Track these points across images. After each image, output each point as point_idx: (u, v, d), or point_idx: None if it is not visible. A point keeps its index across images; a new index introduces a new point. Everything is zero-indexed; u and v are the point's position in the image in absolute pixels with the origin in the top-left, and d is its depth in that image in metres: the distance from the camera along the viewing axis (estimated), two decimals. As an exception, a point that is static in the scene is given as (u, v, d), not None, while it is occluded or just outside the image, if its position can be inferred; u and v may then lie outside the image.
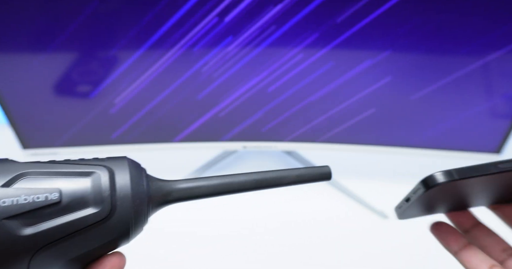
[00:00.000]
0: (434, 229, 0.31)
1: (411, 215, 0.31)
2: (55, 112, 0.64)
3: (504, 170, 0.24)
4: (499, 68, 0.58)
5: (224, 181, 0.26)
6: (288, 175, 0.27)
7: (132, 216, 0.24)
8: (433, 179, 0.24)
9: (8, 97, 0.62)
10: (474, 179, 0.24)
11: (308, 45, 0.57)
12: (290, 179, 0.27)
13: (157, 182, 0.26)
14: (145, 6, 0.53)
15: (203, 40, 0.57)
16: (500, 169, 0.24)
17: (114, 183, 0.24)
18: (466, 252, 0.29)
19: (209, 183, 0.26)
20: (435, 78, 0.60)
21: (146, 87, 0.62)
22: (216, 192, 0.26)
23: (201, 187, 0.26)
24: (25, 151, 0.69)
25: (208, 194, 0.26)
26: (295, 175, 0.27)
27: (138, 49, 0.58)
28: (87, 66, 0.60)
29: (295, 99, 0.64)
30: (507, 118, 0.63)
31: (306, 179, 0.27)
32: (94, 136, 0.68)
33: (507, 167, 0.24)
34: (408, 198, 0.27)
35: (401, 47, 0.57)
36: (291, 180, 0.27)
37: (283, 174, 0.27)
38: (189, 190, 0.26)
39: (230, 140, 0.70)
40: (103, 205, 0.23)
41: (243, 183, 0.26)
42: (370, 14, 0.54)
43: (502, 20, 0.53)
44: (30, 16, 0.54)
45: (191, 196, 0.26)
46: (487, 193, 0.28)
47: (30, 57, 0.58)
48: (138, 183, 0.24)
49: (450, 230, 0.30)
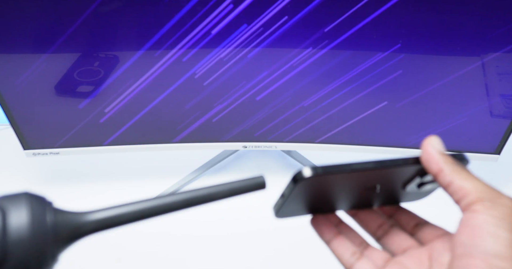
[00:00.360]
0: (312, 222, 0.35)
1: (287, 213, 0.33)
2: (56, 112, 0.65)
3: (355, 170, 0.27)
4: (499, 67, 0.58)
5: (148, 205, 0.25)
6: (220, 191, 0.27)
7: (32, 259, 0.22)
8: (300, 174, 0.27)
9: (9, 97, 0.62)
10: (337, 175, 0.27)
11: (307, 45, 0.58)
12: (222, 194, 0.27)
13: (66, 215, 0.24)
14: (141, 15, 0.54)
15: (203, 41, 0.57)
16: (352, 168, 0.27)
17: (5, 225, 0.22)
18: (336, 241, 0.33)
19: (129, 210, 0.25)
20: (434, 79, 0.60)
21: (146, 87, 0.62)
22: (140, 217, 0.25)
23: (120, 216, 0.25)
24: (26, 151, 0.69)
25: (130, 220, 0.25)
26: (227, 189, 0.27)
27: (138, 50, 0.58)
28: (88, 67, 0.60)
29: (296, 100, 0.64)
30: (507, 118, 0.63)
31: (240, 191, 0.27)
32: (95, 136, 0.68)
33: (358, 167, 0.27)
34: (283, 194, 0.29)
35: (400, 48, 0.57)
36: (224, 194, 0.27)
37: (215, 190, 0.26)
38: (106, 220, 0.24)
39: (230, 140, 0.70)
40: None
41: (171, 204, 0.25)
42: (367, 17, 0.54)
43: (501, 20, 0.53)
44: (31, 17, 0.54)
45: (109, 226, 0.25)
46: (347, 195, 0.31)
47: (31, 58, 0.58)
48: (40, 221, 0.22)
49: (324, 222, 0.34)
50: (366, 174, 0.28)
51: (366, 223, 0.35)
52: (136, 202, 0.25)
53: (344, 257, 0.33)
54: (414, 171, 0.30)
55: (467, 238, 0.25)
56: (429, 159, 0.29)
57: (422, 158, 0.29)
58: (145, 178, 0.79)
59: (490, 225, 0.25)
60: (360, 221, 0.35)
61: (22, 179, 0.79)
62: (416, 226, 0.34)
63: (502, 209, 0.25)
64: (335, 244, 0.33)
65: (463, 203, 0.27)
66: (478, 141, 0.67)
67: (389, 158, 0.29)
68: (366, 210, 0.35)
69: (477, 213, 0.26)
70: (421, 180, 0.31)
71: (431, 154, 0.29)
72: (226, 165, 0.82)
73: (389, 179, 0.30)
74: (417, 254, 0.32)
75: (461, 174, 0.28)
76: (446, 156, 0.29)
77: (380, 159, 0.28)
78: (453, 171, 0.28)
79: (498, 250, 0.24)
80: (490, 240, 0.25)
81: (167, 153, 0.83)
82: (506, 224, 0.25)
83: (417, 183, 0.32)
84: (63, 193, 0.76)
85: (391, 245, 0.34)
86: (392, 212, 0.36)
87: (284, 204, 0.30)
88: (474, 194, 0.26)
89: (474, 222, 0.25)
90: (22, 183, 0.78)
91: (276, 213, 0.32)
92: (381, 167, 0.28)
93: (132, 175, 0.79)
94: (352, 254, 0.32)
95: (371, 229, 0.35)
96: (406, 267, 0.31)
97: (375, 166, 0.28)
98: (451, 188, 0.27)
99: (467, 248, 0.25)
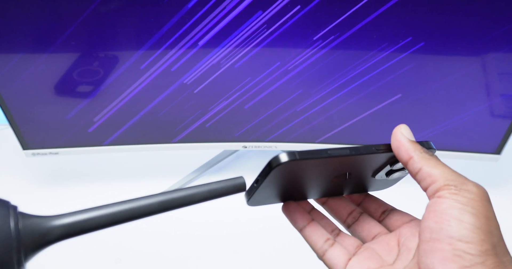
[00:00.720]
0: (284, 209, 0.35)
1: (259, 201, 0.33)
2: (56, 112, 0.65)
3: (332, 156, 0.28)
4: (500, 67, 0.58)
5: (122, 208, 0.24)
6: (198, 192, 0.26)
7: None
8: (277, 159, 0.27)
9: (8, 97, 0.62)
10: (312, 161, 0.27)
11: (306, 46, 0.57)
12: (200, 196, 0.26)
13: (32, 220, 0.22)
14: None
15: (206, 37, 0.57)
16: (329, 154, 0.28)
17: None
18: (309, 228, 0.34)
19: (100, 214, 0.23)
20: (435, 79, 0.60)
21: (147, 87, 0.62)
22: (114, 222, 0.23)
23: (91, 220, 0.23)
24: (25, 151, 0.69)
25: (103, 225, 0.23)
26: (206, 190, 0.26)
27: (138, 50, 0.58)
28: (88, 66, 0.60)
29: (296, 99, 0.64)
30: (507, 118, 0.63)
31: (219, 193, 0.26)
32: (94, 136, 0.68)
33: (334, 153, 0.28)
34: (257, 179, 0.29)
35: (400, 48, 0.57)
36: (202, 196, 0.26)
37: (193, 191, 0.25)
38: (75, 225, 0.23)
39: (230, 140, 0.70)
40: None
41: (146, 207, 0.24)
42: (365, 18, 0.54)
43: (501, 19, 0.53)
44: (30, 17, 0.54)
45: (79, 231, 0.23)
46: (319, 182, 0.32)
47: (30, 58, 0.58)
48: (3, 227, 0.21)
49: (297, 209, 0.35)
50: (340, 161, 0.29)
51: (336, 211, 0.36)
52: (108, 206, 0.24)
53: (318, 245, 0.33)
54: (385, 159, 0.31)
55: (433, 223, 0.26)
56: (399, 146, 0.30)
57: (392, 146, 0.30)
58: (145, 178, 0.79)
59: (455, 210, 0.26)
60: (330, 209, 0.36)
61: (21, 180, 0.79)
62: (384, 213, 0.35)
63: (467, 194, 0.26)
64: (308, 231, 0.34)
65: (430, 189, 0.27)
66: (479, 141, 0.67)
67: (363, 145, 0.29)
68: (336, 198, 0.36)
69: (443, 199, 0.26)
70: (390, 168, 0.32)
71: (401, 142, 0.30)
72: (226, 165, 0.82)
73: (361, 166, 0.31)
74: (386, 240, 0.33)
75: (430, 161, 0.28)
76: (415, 144, 0.29)
77: (354, 146, 0.29)
78: (422, 159, 0.28)
79: (463, 234, 0.25)
80: (455, 225, 0.25)
81: (167, 153, 0.83)
82: (470, 209, 0.26)
83: (386, 171, 0.32)
84: (62, 193, 0.76)
85: (361, 232, 0.35)
86: (360, 200, 0.37)
87: (257, 191, 0.29)
88: (441, 180, 0.27)
89: (440, 207, 0.26)
90: (21, 183, 0.78)
91: (248, 200, 0.32)
92: (355, 154, 0.29)
93: (132, 175, 0.79)
94: (325, 241, 0.33)
95: (341, 217, 0.36)
96: (376, 252, 0.32)
97: (350, 153, 0.29)
98: (420, 175, 0.28)
99: (434, 232, 0.26)
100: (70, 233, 0.23)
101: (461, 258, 0.25)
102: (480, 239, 0.25)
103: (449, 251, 0.25)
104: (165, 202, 0.25)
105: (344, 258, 0.32)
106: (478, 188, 0.27)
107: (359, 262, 0.31)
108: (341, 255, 0.32)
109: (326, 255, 0.33)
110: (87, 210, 0.23)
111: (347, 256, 0.32)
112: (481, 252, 0.25)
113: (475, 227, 0.25)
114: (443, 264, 0.25)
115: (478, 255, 0.25)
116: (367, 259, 0.31)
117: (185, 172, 0.79)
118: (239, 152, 0.84)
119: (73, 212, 0.23)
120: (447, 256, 0.25)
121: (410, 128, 0.31)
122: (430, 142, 0.31)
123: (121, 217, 0.24)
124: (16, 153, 0.72)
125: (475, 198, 0.26)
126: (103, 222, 0.23)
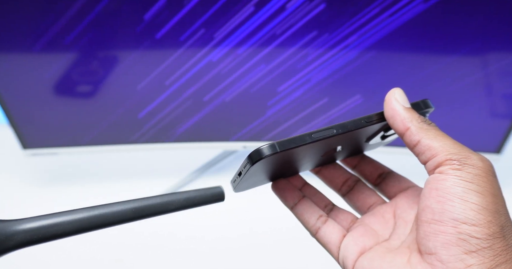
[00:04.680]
0: (273, 187, 0.33)
1: (246, 187, 0.32)
2: (55, 112, 0.64)
3: (316, 139, 0.26)
4: (500, 67, 0.58)
5: (91, 214, 0.22)
6: (174, 200, 0.24)
7: None
8: (257, 154, 0.25)
9: (8, 97, 0.62)
10: (295, 149, 0.26)
11: (304, 46, 0.57)
12: (177, 204, 0.24)
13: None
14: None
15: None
16: (313, 138, 0.26)
17: None
18: (300, 206, 0.32)
19: (68, 219, 0.21)
20: (435, 78, 0.60)
21: (148, 88, 0.62)
22: (81, 229, 0.22)
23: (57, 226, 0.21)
24: (25, 151, 0.69)
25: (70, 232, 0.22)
26: (183, 199, 0.24)
27: (138, 50, 0.58)
28: (88, 66, 0.60)
29: (296, 99, 0.64)
30: (507, 118, 0.63)
31: (197, 202, 0.25)
32: (94, 136, 0.68)
33: (319, 136, 0.26)
34: (240, 172, 0.28)
35: (400, 48, 0.57)
36: (179, 205, 0.24)
37: (169, 199, 0.24)
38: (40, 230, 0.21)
39: (230, 140, 0.70)
40: None
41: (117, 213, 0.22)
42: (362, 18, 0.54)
43: (503, 19, 0.53)
44: (31, 17, 0.54)
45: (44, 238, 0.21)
46: (309, 159, 0.30)
47: (30, 57, 0.58)
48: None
49: (287, 187, 0.33)
50: (327, 141, 0.27)
51: (330, 180, 0.34)
52: (76, 211, 0.22)
53: (310, 222, 0.31)
54: (378, 127, 0.29)
55: (435, 203, 0.24)
56: (394, 116, 0.26)
57: (386, 115, 0.27)
58: (145, 178, 0.79)
59: (458, 189, 0.23)
60: (324, 178, 0.35)
61: (21, 180, 0.79)
62: (380, 177, 0.33)
63: (471, 170, 0.24)
64: (299, 209, 0.32)
65: (430, 163, 0.25)
66: (479, 140, 0.67)
67: (351, 120, 0.27)
68: (329, 166, 0.34)
69: (445, 175, 0.24)
70: (384, 133, 0.30)
71: (396, 111, 0.26)
72: (226, 165, 0.82)
73: (351, 140, 0.29)
74: (381, 212, 0.31)
75: (429, 132, 0.26)
76: (412, 112, 0.26)
77: (340, 123, 0.27)
78: (420, 130, 0.26)
79: (468, 216, 0.23)
80: (459, 205, 0.23)
81: (167, 153, 0.83)
82: (475, 187, 0.23)
83: (381, 135, 0.30)
84: (62, 193, 0.76)
85: (356, 201, 0.33)
86: (355, 162, 0.34)
87: (242, 181, 0.28)
88: (442, 154, 0.24)
89: (442, 185, 0.24)
90: (21, 183, 0.78)
91: (234, 189, 0.31)
92: (342, 132, 0.26)
93: (132, 175, 0.79)
94: (318, 218, 0.31)
95: (336, 185, 0.34)
96: (371, 227, 0.31)
97: (337, 133, 0.26)
98: (418, 147, 0.26)
99: (435, 214, 0.24)
100: (32, 239, 0.21)
101: (467, 242, 0.23)
102: (487, 221, 0.23)
103: (453, 234, 0.23)
104: (139, 209, 0.23)
105: (338, 235, 0.30)
106: (483, 162, 0.24)
107: (354, 240, 0.30)
108: (334, 232, 0.31)
109: (319, 233, 0.31)
110: (52, 215, 0.22)
111: (341, 233, 0.31)
112: (488, 235, 0.23)
113: (482, 208, 0.23)
114: (446, 248, 0.23)
115: (485, 239, 0.23)
116: (362, 235, 0.30)
117: (185, 172, 0.79)
118: (239, 152, 0.84)
119: (36, 217, 0.21)
120: (450, 240, 0.23)
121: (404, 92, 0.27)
122: (427, 101, 0.28)
123: (90, 224, 0.22)
124: (16, 153, 0.72)
125: (481, 173, 0.24)
126: (70, 229, 0.22)
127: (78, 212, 0.22)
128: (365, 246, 0.29)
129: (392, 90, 0.27)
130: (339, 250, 0.30)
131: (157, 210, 0.24)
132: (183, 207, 0.25)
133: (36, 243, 0.21)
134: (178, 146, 0.71)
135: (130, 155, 0.82)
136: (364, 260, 0.28)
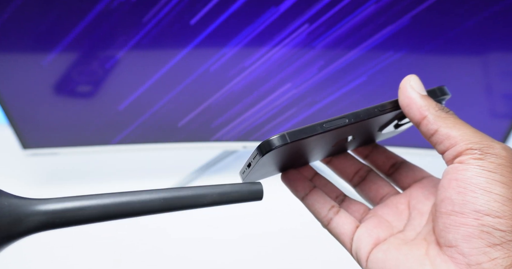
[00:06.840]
0: (284, 178, 0.32)
1: (255, 178, 0.31)
2: (55, 112, 0.64)
3: (328, 129, 0.25)
4: (501, 67, 0.58)
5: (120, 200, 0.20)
6: (207, 194, 0.22)
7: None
8: (267, 145, 0.24)
9: (8, 97, 0.62)
10: (306, 139, 0.25)
11: (305, 46, 0.57)
12: (210, 198, 0.22)
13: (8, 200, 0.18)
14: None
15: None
16: (325, 128, 0.25)
17: None
18: (311, 196, 0.31)
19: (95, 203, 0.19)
20: (435, 78, 0.60)
21: (149, 88, 0.62)
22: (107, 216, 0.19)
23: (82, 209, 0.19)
24: (25, 151, 0.69)
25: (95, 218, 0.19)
26: (217, 193, 0.22)
27: (139, 49, 0.58)
28: (88, 67, 0.60)
29: (296, 99, 0.64)
30: (507, 118, 0.63)
31: (232, 198, 0.23)
32: (95, 136, 0.68)
33: (331, 126, 0.25)
34: (249, 163, 0.27)
35: (400, 48, 0.57)
36: (211, 200, 0.22)
37: (202, 192, 0.22)
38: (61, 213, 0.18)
39: (230, 140, 0.70)
40: None
41: (146, 203, 0.20)
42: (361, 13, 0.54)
43: (503, 19, 0.53)
44: (31, 17, 0.54)
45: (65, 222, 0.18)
46: (320, 149, 0.29)
47: (31, 58, 0.58)
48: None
49: (297, 177, 0.31)
50: (339, 131, 0.26)
51: (342, 170, 0.33)
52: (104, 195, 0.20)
53: (322, 213, 0.30)
54: (392, 116, 0.28)
55: (456, 194, 0.23)
56: (410, 104, 0.25)
57: (401, 103, 0.26)
58: (145, 178, 0.79)
59: (481, 179, 0.22)
60: (336, 169, 0.34)
61: (20, 180, 0.78)
62: (393, 166, 0.32)
63: (494, 159, 0.23)
64: (310, 200, 0.31)
65: (449, 153, 0.24)
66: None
67: (364, 108, 0.26)
68: (341, 156, 0.33)
69: (465, 165, 0.23)
70: (398, 122, 0.29)
71: (412, 99, 0.25)
72: (226, 165, 0.82)
73: (364, 129, 0.28)
74: (395, 202, 0.30)
75: (447, 120, 0.25)
76: (428, 100, 0.25)
77: (353, 112, 0.26)
78: (438, 118, 0.25)
79: (491, 208, 0.22)
80: (482, 197, 0.22)
81: (167, 153, 0.83)
82: (498, 178, 0.22)
83: (394, 124, 0.29)
84: (62, 193, 0.75)
85: (369, 192, 0.32)
86: (367, 152, 0.33)
87: (251, 172, 0.28)
88: (462, 143, 0.23)
89: (463, 175, 0.23)
90: (20, 183, 0.78)
91: (243, 180, 0.30)
92: (355, 121, 0.25)
93: (132, 175, 0.79)
94: (330, 209, 0.30)
95: (348, 176, 0.33)
96: (385, 219, 0.30)
97: (349, 122, 0.25)
98: (436, 137, 0.25)
99: (456, 205, 0.23)
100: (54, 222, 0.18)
101: (490, 235, 0.22)
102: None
103: (476, 226, 0.22)
104: (169, 200, 0.21)
105: (351, 226, 0.29)
106: (507, 151, 0.23)
107: (368, 231, 0.28)
108: (347, 223, 0.29)
109: (331, 224, 0.30)
110: (79, 198, 0.19)
111: (354, 224, 0.29)
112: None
113: (506, 199, 0.22)
114: (468, 241, 0.22)
115: (510, 231, 0.21)
116: (375, 227, 0.29)
117: (185, 172, 0.79)
118: (239, 153, 0.84)
119: (61, 198, 0.19)
120: (473, 233, 0.22)
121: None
122: (444, 88, 0.26)
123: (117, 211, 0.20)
124: (16, 153, 0.71)
125: (504, 163, 0.22)
126: (96, 215, 0.19)
127: (105, 197, 0.19)
128: (379, 237, 0.28)
129: (407, 77, 0.26)
130: (352, 242, 0.29)
131: (188, 203, 0.21)
132: (216, 202, 0.22)
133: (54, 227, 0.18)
134: (178, 146, 0.71)
135: (130, 155, 0.82)
136: (379, 252, 0.27)
